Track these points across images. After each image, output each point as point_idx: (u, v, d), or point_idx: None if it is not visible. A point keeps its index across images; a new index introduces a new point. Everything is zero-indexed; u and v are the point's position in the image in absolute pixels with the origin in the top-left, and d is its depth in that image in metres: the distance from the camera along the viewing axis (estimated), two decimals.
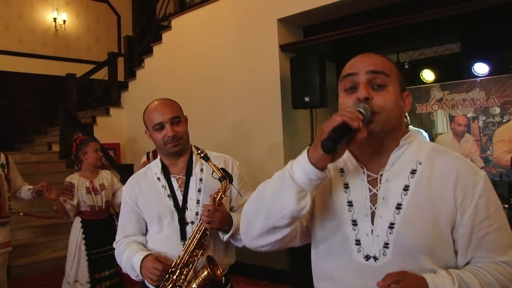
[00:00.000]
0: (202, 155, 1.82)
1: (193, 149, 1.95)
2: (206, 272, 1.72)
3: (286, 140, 5.32)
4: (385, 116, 1.13)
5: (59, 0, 9.14)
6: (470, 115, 5.44)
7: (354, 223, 1.17)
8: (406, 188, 1.14)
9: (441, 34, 5.58)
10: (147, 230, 1.95)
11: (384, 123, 1.13)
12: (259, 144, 5.52)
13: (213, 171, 1.78)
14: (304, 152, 1.07)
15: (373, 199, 1.17)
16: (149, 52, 7.28)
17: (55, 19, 9.04)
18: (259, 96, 5.54)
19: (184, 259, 1.76)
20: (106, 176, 3.74)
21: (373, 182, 1.18)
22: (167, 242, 1.84)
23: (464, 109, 5.48)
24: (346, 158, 1.23)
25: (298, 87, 5.09)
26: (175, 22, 6.82)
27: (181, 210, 1.85)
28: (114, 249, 3.60)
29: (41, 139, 8.10)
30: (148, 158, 4.17)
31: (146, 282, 1.87)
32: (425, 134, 5.24)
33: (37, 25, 8.85)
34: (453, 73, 5.74)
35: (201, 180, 1.90)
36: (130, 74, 7.75)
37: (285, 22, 5.51)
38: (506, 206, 3.62)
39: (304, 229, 1.26)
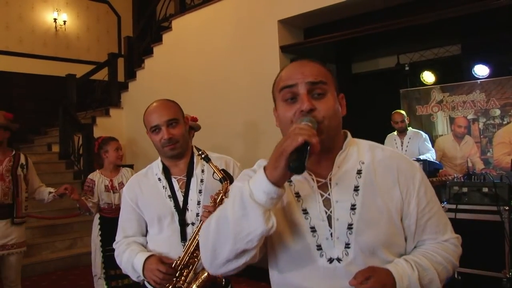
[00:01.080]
0: (203, 156, 1.81)
1: (194, 150, 1.94)
2: (206, 274, 1.72)
3: None
4: (328, 124, 1.16)
5: (60, 0, 9.15)
6: (470, 117, 5.44)
7: (313, 229, 1.19)
8: (356, 189, 1.20)
9: (442, 36, 5.59)
10: (147, 230, 1.94)
11: (328, 130, 1.17)
12: (259, 146, 5.51)
13: (214, 172, 1.77)
14: (261, 173, 1.05)
15: (326, 203, 1.20)
16: (149, 52, 7.28)
17: (55, 19, 9.05)
18: (259, 97, 5.53)
19: (184, 260, 1.75)
20: (126, 175, 3.84)
21: (323, 187, 1.21)
22: (168, 243, 1.83)
23: (464, 111, 5.48)
24: None
25: None
26: (176, 23, 6.82)
27: (181, 211, 1.85)
28: None
29: (41, 139, 8.10)
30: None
31: (146, 283, 1.86)
32: (425, 135, 5.23)
33: (37, 25, 8.86)
34: (454, 75, 5.73)
35: (202, 181, 1.90)
36: (130, 74, 7.74)
37: (286, 24, 5.51)
38: (507, 208, 3.61)
39: (261, 244, 1.22)
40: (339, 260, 1.16)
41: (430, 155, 4.97)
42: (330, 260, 1.17)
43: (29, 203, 3.90)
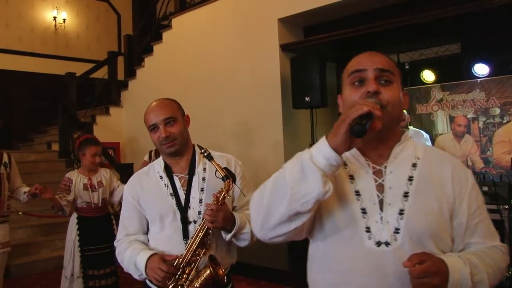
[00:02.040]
0: (205, 154, 1.81)
1: (196, 148, 1.95)
2: (208, 272, 1.72)
3: (286, 140, 5.32)
4: (390, 110, 1.20)
5: None
6: (470, 115, 5.44)
7: (363, 211, 1.22)
8: (410, 179, 1.23)
9: (442, 35, 5.59)
10: (148, 228, 1.95)
11: (389, 117, 1.20)
12: (260, 144, 5.52)
13: (216, 170, 1.77)
14: (323, 140, 1.10)
15: (379, 188, 1.23)
16: (149, 51, 7.28)
17: (55, 17, 9.03)
18: (260, 96, 5.54)
19: (187, 258, 1.75)
20: (105, 174, 3.77)
21: (377, 174, 1.25)
22: (169, 241, 1.83)
23: (464, 109, 5.48)
24: (348, 152, 1.24)
25: (299, 87, 5.09)
26: (176, 21, 6.82)
27: (183, 209, 1.85)
28: (109, 247, 3.61)
29: (41, 138, 8.09)
30: (150, 156, 4.18)
31: (147, 281, 1.86)
32: (426, 135, 5.24)
33: (37, 23, 8.85)
34: (453, 73, 5.74)
35: (203, 179, 1.90)
36: (130, 73, 7.74)
37: (286, 22, 5.51)
38: (507, 207, 3.62)
39: (311, 220, 1.26)
40: (387, 244, 1.18)
41: None
42: (378, 244, 1.18)
43: (28, 202, 3.87)
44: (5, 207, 3.57)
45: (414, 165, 1.25)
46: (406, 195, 1.21)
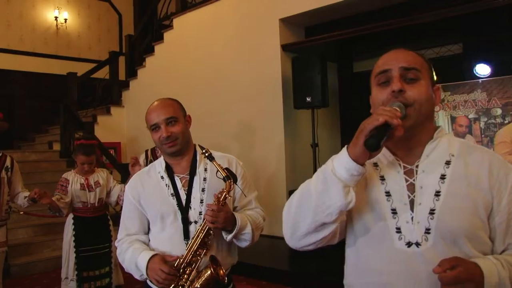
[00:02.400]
0: (206, 154, 1.81)
1: (198, 148, 1.94)
2: (209, 272, 1.71)
3: (287, 140, 5.32)
4: (418, 108, 1.18)
5: None
6: (471, 116, 5.43)
7: (394, 211, 1.20)
8: (443, 177, 1.19)
9: (443, 35, 5.58)
10: (149, 229, 1.94)
11: (417, 115, 1.18)
12: (261, 144, 5.51)
13: (218, 170, 1.77)
14: (344, 150, 1.12)
15: (410, 188, 1.21)
16: (151, 51, 7.28)
17: (56, 17, 9.04)
18: (261, 96, 5.54)
19: (187, 259, 1.75)
20: (101, 175, 3.78)
21: (408, 173, 1.23)
22: (170, 241, 1.83)
23: (465, 110, 5.47)
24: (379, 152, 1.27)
25: (300, 87, 5.09)
26: (177, 22, 6.82)
27: (184, 209, 1.84)
28: (105, 248, 3.60)
29: (42, 137, 8.10)
30: (146, 156, 4.17)
31: (148, 281, 1.86)
32: None
33: (38, 23, 8.86)
34: (455, 74, 5.72)
35: (205, 179, 1.90)
36: (131, 73, 7.75)
37: (287, 22, 5.51)
38: None
39: (343, 224, 1.28)
40: (417, 244, 1.15)
41: None
42: (409, 244, 1.16)
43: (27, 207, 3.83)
44: (3, 211, 3.55)
45: (447, 163, 1.21)
46: (437, 194, 1.17)
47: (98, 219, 3.70)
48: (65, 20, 9.16)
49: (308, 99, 4.99)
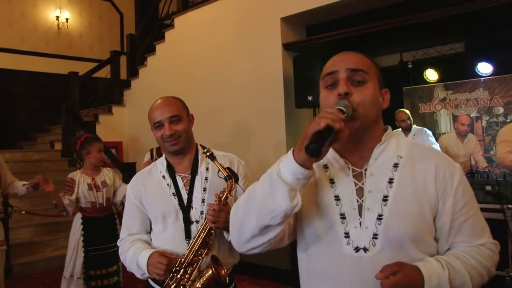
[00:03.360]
0: (208, 154, 1.81)
1: (199, 147, 1.94)
2: (210, 272, 1.71)
3: (289, 139, 5.31)
4: (363, 112, 1.17)
5: None
6: (473, 115, 5.42)
7: (342, 216, 1.20)
8: (390, 181, 1.20)
9: (445, 34, 5.56)
10: (151, 228, 1.94)
11: (363, 118, 1.18)
12: (262, 143, 5.51)
13: (219, 170, 1.77)
14: (290, 153, 1.10)
15: (359, 192, 1.21)
16: (152, 50, 7.28)
17: (57, 17, 9.04)
18: (262, 95, 5.53)
19: (189, 258, 1.75)
20: (108, 174, 3.78)
21: (357, 177, 1.22)
22: (172, 240, 1.84)
23: (467, 109, 5.46)
24: (329, 154, 1.27)
25: (301, 86, 5.08)
26: (178, 21, 6.81)
27: (186, 209, 1.85)
28: (113, 247, 3.61)
29: (44, 137, 8.11)
30: (151, 155, 4.17)
31: (149, 281, 1.86)
32: (429, 132, 5.25)
33: (39, 23, 8.86)
34: (457, 72, 5.71)
35: (206, 179, 1.90)
36: (133, 72, 7.74)
37: (289, 21, 5.50)
38: (510, 206, 3.60)
39: (291, 228, 1.28)
40: (365, 250, 1.16)
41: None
42: (357, 249, 1.17)
43: (31, 200, 3.88)
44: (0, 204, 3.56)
45: (395, 166, 1.21)
46: (385, 199, 1.18)
47: (106, 218, 3.71)
48: (67, 19, 9.17)
49: (310, 98, 4.97)
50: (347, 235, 1.19)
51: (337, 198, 1.22)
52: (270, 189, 1.10)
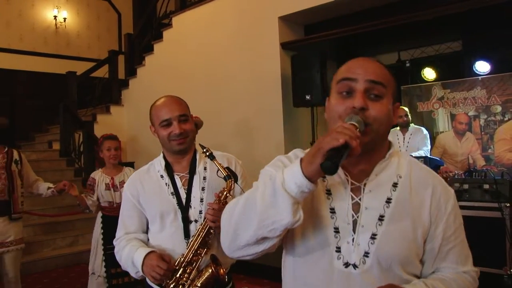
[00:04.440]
0: (207, 153, 1.81)
1: (197, 147, 1.94)
2: (210, 271, 1.72)
3: (287, 138, 5.32)
4: (377, 128, 1.14)
5: None
6: (471, 113, 5.43)
7: (336, 230, 1.17)
8: (388, 201, 1.17)
9: (443, 32, 5.58)
10: (148, 227, 1.94)
11: (374, 134, 1.14)
12: (260, 142, 5.51)
13: (218, 169, 1.78)
14: (297, 165, 1.03)
15: (355, 208, 1.18)
16: (150, 50, 7.27)
17: (55, 16, 9.03)
18: (260, 94, 5.53)
19: (188, 258, 1.75)
20: (128, 174, 3.81)
21: (355, 191, 1.19)
22: (171, 240, 1.83)
23: (465, 107, 5.47)
24: None
25: (299, 85, 5.08)
26: (176, 20, 6.81)
27: (184, 208, 1.85)
28: None
29: (42, 137, 8.10)
30: None
31: (147, 280, 1.86)
32: (425, 132, 5.25)
33: (37, 23, 8.85)
34: (455, 71, 5.73)
35: (204, 178, 1.90)
36: (131, 72, 7.74)
37: (286, 20, 5.50)
38: (508, 205, 3.61)
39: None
40: (355, 266, 1.14)
41: (423, 151, 5.01)
42: (346, 265, 1.15)
43: (30, 200, 3.91)
44: (19, 204, 3.66)
45: (395, 185, 1.19)
46: (381, 218, 1.16)
47: None
48: (64, 19, 9.15)
49: (308, 97, 4.98)
50: (338, 249, 1.16)
51: (332, 211, 1.19)
52: (272, 199, 1.04)
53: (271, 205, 1.04)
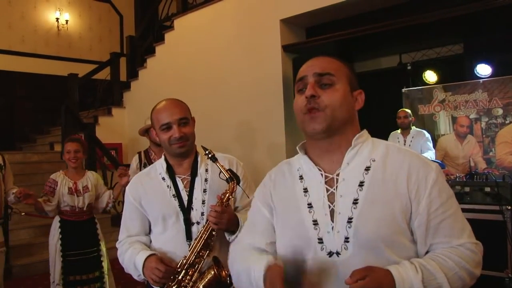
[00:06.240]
0: (210, 155, 1.81)
1: (199, 149, 1.95)
2: (212, 273, 1.72)
3: (288, 141, 5.32)
4: (331, 113, 1.21)
5: (62, 0, 9.15)
6: (472, 116, 5.43)
7: (315, 222, 1.23)
8: (361, 184, 1.21)
9: (444, 35, 5.58)
10: (150, 230, 1.94)
11: (330, 119, 1.21)
12: (262, 145, 5.51)
13: (220, 172, 1.77)
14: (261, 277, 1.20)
15: (331, 198, 1.23)
16: (152, 52, 7.28)
17: (57, 19, 9.05)
18: (262, 97, 5.54)
19: (190, 260, 1.75)
20: (91, 178, 3.68)
21: (330, 182, 1.25)
22: (173, 242, 1.84)
23: (466, 110, 5.47)
24: (303, 163, 1.31)
25: None
26: (178, 22, 6.82)
27: (186, 210, 1.85)
28: (94, 252, 3.54)
29: (43, 138, 8.10)
30: (140, 159, 4.12)
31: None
32: (427, 135, 5.24)
33: (39, 25, 8.87)
34: (456, 74, 5.73)
35: (206, 180, 1.90)
36: (133, 74, 7.75)
37: (288, 23, 5.51)
38: (509, 207, 3.61)
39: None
40: (338, 254, 1.18)
41: (428, 155, 4.98)
42: (330, 254, 1.19)
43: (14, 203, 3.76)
44: (2, 209, 3.52)
45: (367, 169, 1.22)
46: (355, 202, 1.19)
47: (86, 223, 3.59)
48: (66, 21, 9.18)
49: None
50: (320, 240, 1.20)
51: (309, 205, 1.25)
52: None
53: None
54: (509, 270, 3.50)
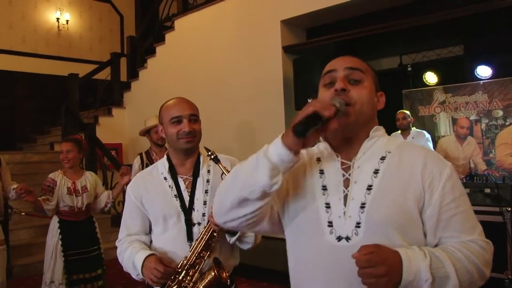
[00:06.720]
0: (212, 157, 1.82)
1: (201, 150, 1.95)
2: (212, 274, 1.72)
3: None
4: (359, 108, 1.23)
5: (62, 0, 9.16)
6: (472, 118, 5.44)
7: (328, 205, 1.23)
8: (376, 172, 1.23)
9: (444, 37, 5.59)
10: (150, 229, 1.95)
11: (358, 114, 1.22)
12: (262, 145, 5.47)
13: (223, 173, 1.78)
14: (279, 136, 1.14)
15: (346, 183, 1.24)
16: (152, 52, 7.29)
17: (58, 19, 9.07)
18: (262, 97, 5.55)
19: (191, 260, 1.75)
20: (89, 178, 3.69)
21: (346, 169, 1.26)
22: (174, 242, 1.84)
23: (466, 111, 5.48)
24: (323, 147, 1.32)
25: (301, 88, 5.10)
26: (178, 23, 6.83)
27: (187, 210, 1.85)
28: (94, 251, 3.55)
29: (43, 138, 8.11)
30: (142, 159, 4.11)
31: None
32: (427, 135, 5.25)
33: (40, 25, 8.88)
34: (456, 75, 5.73)
35: (208, 181, 1.90)
36: (133, 74, 7.76)
37: (289, 24, 5.52)
38: (509, 209, 3.61)
39: (276, 216, 1.32)
40: (347, 239, 1.18)
41: None
42: (339, 238, 1.19)
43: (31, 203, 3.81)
44: (1, 207, 3.54)
45: (382, 158, 1.24)
46: (369, 188, 1.20)
47: (84, 222, 3.60)
48: (67, 21, 9.19)
49: (309, 100, 4.98)
50: (330, 224, 1.21)
51: (324, 187, 1.26)
52: (254, 165, 1.16)
53: (253, 169, 1.16)
54: (509, 271, 3.51)
